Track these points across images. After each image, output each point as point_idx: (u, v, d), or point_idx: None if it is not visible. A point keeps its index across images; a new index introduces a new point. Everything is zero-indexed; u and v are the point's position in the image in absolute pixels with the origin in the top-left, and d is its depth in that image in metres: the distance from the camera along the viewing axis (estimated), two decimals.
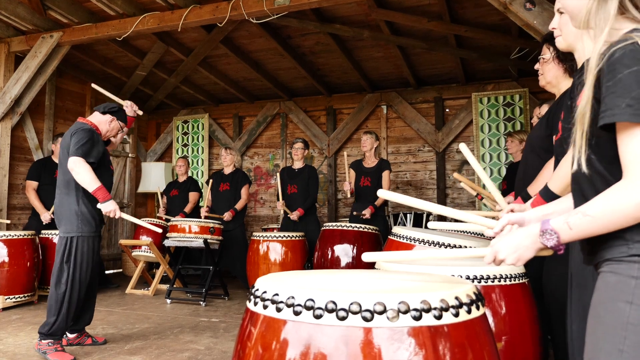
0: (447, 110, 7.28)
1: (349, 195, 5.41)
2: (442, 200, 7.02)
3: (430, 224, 1.87)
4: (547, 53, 2.46)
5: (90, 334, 3.68)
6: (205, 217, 5.84)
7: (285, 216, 5.79)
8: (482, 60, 6.32)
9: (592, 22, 1.15)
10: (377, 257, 1.45)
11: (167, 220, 6.16)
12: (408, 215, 6.10)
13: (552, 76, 2.47)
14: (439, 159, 7.13)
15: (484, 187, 3.88)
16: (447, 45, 5.96)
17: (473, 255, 1.37)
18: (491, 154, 6.75)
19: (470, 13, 5.29)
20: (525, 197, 2.31)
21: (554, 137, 2.27)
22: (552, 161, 2.29)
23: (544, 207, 1.48)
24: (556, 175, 2.00)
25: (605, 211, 1.06)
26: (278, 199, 5.79)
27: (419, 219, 6.05)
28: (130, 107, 3.86)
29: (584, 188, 1.19)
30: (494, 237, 1.40)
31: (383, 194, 1.40)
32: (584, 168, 1.13)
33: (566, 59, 2.38)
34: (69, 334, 3.57)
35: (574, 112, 1.19)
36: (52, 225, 5.29)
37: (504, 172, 6.51)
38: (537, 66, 2.54)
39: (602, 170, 1.13)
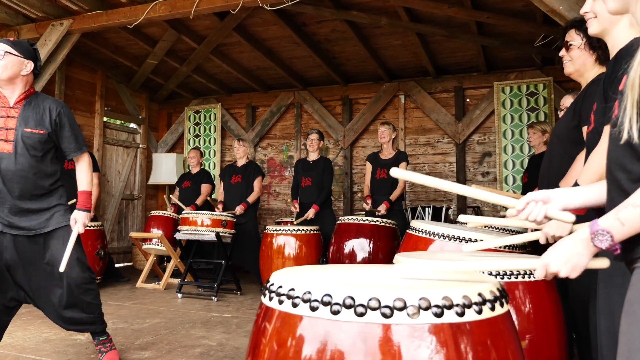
0: (467, 100, 7.07)
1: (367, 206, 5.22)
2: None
3: (461, 217, 1.75)
4: (576, 39, 2.35)
5: (104, 350, 3.00)
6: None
7: (299, 210, 5.66)
8: (504, 48, 6.11)
9: None
10: (412, 266, 1.32)
11: (179, 211, 6.08)
12: (426, 208, 5.93)
13: (581, 63, 2.37)
14: (459, 150, 6.93)
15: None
16: (468, 33, 5.77)
17: (521, 267, 1.39)
18: (513, 145, 6.54)
19: None
20: None
21: (586, 128, 2.16)
22: (583, 154, 2.16)
23: (570, 189, 1.36)
24: (586, 170, 1.87)
25: None
26: (292, 195, 5.73)
27: (438, 213, 5.88)
28: None
29: (628, 163, 1.07)
30: (516, 215, 1.32)
31: (395, 172, 1.30)
32: (635, 138, 1.00)
33: (599, 46, 2.28)
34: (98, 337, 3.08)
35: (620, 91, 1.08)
36: None
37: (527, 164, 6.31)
38: (562, 53, 2.44)
39: None
